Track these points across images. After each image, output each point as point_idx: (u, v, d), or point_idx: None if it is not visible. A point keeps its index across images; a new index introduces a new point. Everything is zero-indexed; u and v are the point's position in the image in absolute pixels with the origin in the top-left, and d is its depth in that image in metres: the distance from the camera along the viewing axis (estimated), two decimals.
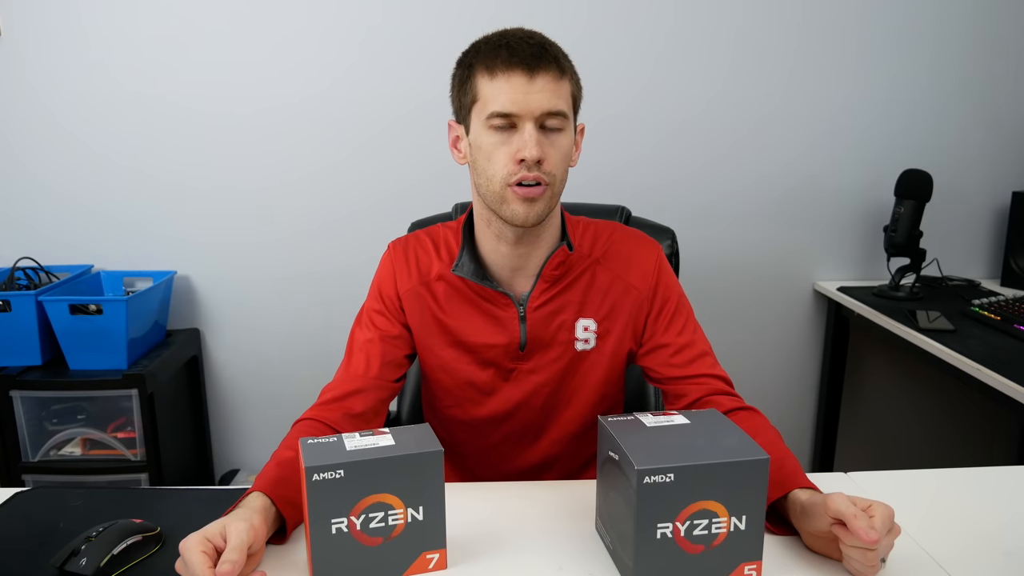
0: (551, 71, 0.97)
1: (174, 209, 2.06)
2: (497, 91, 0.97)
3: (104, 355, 1.84)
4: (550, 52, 0.98)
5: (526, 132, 0.96)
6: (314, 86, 2.00)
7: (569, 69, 1.01)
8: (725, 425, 0.86)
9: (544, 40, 1.00)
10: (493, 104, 0.97)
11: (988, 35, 2.09)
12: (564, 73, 0.99)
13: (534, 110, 0.96)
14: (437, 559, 0.83)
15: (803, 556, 0.86)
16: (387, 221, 1.87)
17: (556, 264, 1.08)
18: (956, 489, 1.02)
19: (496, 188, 1.00)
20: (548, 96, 0.96)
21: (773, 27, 2.05)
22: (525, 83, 0.96)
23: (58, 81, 1.97)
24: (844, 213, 2.18)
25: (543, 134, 0.98)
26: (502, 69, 0.97)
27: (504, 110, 0.96)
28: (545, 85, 0.96)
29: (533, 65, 0.96)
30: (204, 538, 0.77)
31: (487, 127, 0.99)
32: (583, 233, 1.12)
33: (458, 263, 1.08)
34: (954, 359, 1.59)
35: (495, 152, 0.98)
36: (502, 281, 1.10)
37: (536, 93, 0.96)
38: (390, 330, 1.11)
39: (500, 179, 0.99)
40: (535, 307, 1.09)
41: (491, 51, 0.98)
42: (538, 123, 0.97)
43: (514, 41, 0.98)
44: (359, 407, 1.05)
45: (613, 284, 1.10)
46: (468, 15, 1.97)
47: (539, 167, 0.97)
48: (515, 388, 1.12)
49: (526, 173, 0.97)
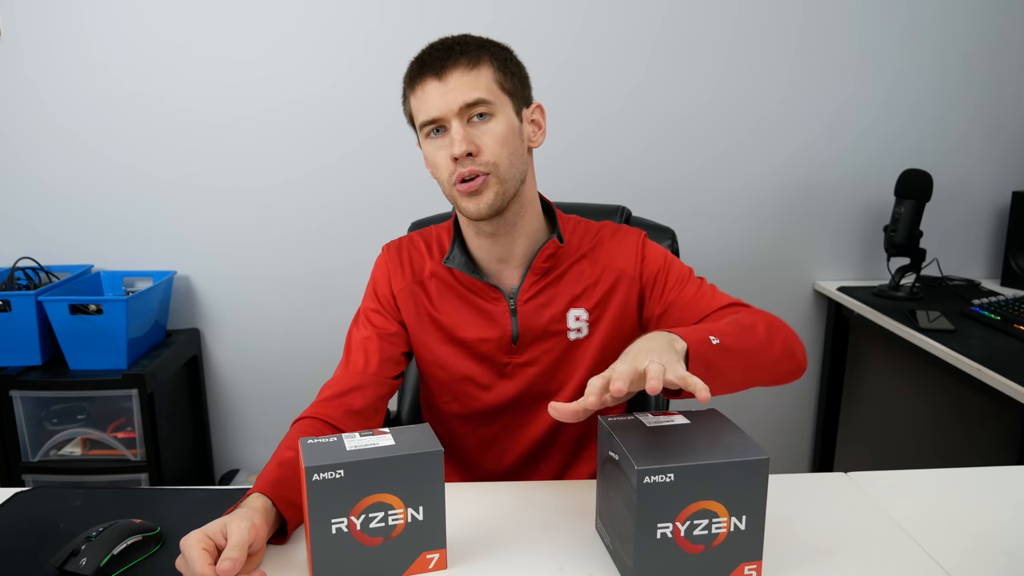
0: (459, 66, 1.01)
1: (174, 209, 2.06)
2: (420, 103, 1.03)
3: (104, 355, 1.84)
4: (457, 49, 1.02)
5: (452, 131, 1.00)
6: (314, 86, 2.00)
7: (487, 56, 1.03)
8: (725, 425, 0.86)
9: (455, 40, 1.04)
10: (420, 115, 1.03)
11: (989, 35, 2.09)
12: (476, 62, 1.02)
13: (452, 108, 1.00)
14: (437, 559, 0.83)
15: (803, 556, 0.86)
16: (387, 221, 1.87)
17: (546, 256, 1.10)
18: (956, 489, 1.02)
19: (447, 191, 1.05)
20: (462, 90, 1.00)
21: (773, 26, 2.05)
22: (437, 85, 1.00)
23: (58, 81, 1.97)
24: (844, 213, 2.18)
25: (472, 127, 1.01)
26: (418, 81, 1.02)
27: (428, 117, 1.01)
28: (458, 80, 1.00)
29: (440, 68, 1.01)
30: (205, 535, 0.78)
31: (425, 137, 1.05)
32: (573, 229, 1.15)
33: (450, 255, 1.11)
34: (954, 359, 1.59)
35: (436, 157, 1.04)
36: (491, 275, 1.12)
37: (450, 92, 1.00)
38: (387, 327, 1.13)
39: (446, 181, 1.03)
40: (525, 300, 1.10)
41: (411, 69, 1.05)
42: (464, 117, 1.00)
43: (427, 52, 1.04)
44: (359, 403, 1.06)
45: (603, 274, 1.12)
46: (469, 15, 1.97)
47: (473, 159, 1.00)
48: (511, 382, 1.13)
49: (462, 170, 1.01)
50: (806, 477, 1.07)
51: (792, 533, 0.90)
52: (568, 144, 2.06)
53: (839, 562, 0.85)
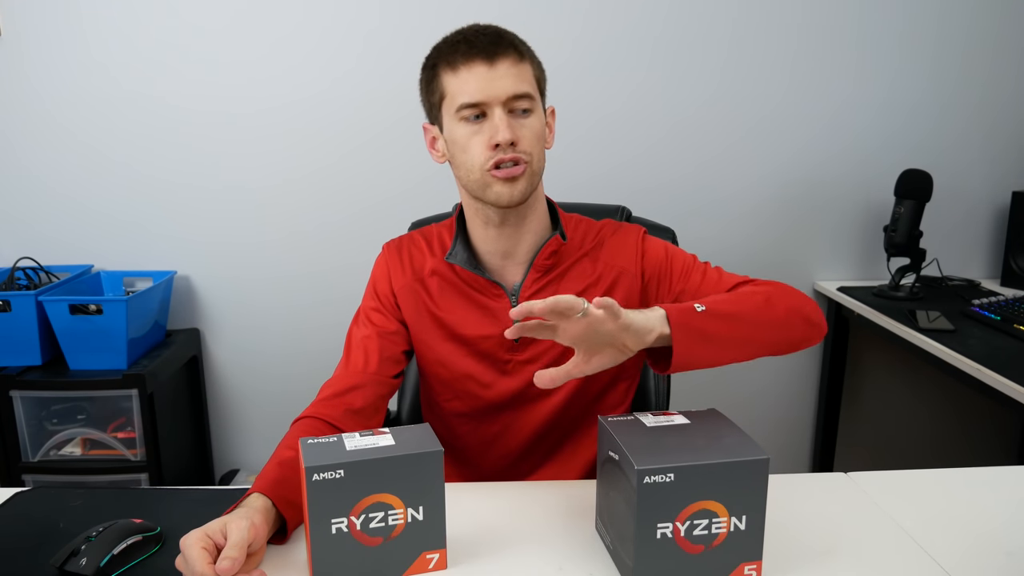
0: (510, 55, 1.00)
1: (174, 209, 2.06)
2: (462, 83, 1.00)
3: (104, 355, 1.84)
4: (506, 38, 1.02)
5: (496, 117, 0.99)
6: (314, 85, 2.00)
7: (528, 52, 1.04)
8: (725, 425, 0.86)
9: (499, 29, 1.03)
10: (460, 96, 1.00)
11: (988, 35, 2.09)
12: (524, 56, 1.02)
13: (500, 95, 0.99)
14: (437, 559, 0.83)
15: (803, 556, 0.86)
16: (387, 221, 1.87)
17: (549, 253, 1.10)
18: (956, 489, 1.02)
19: (476, 176, 1.02)
20: (512, 80, 0.99)
21: (773, 27, 2.05)
22: (487, 70, 0.99)
23: (58, 81, 1.97)
24: (844, 213, 2.18)
25: (512, 117, 1.01)
26: (463, 62, 1.00)
27: (472, 100, 0.99)
28: (507, 70, 0.99)
29: (492, 52, 0.99)
30: (205, 534, 0.78)
31: (458, 120, 1.01)
32: (575, 227, 1.15)
33: (452, 251, 1.11)
34: (954, 359, 1.59)
35: (470, 142, 1.01)
36: (493, 270, 1.12)
37: (499, 79, 0.99)
38: (387, 326, 1.13)
39: (479, 166, 1.01)
40: (527, 297, 1.10)
41: (450, 48, 1.02)
42: (506, 107, 1.00)
43: (470, 35, 1.02)
44: (359, 403, 1.06)
45: (604, 272, 1.12)
46: (470, 15, 1.96)
47: (514, 148, 1.00)
48: (512, 379, 1.13)
49: (502, 156, 1.00)
50: (806, 477, 1.07)
51: (792, 533, 0.90)
52: (568, 144, 2.05)
53: (839, 562, 0.85)
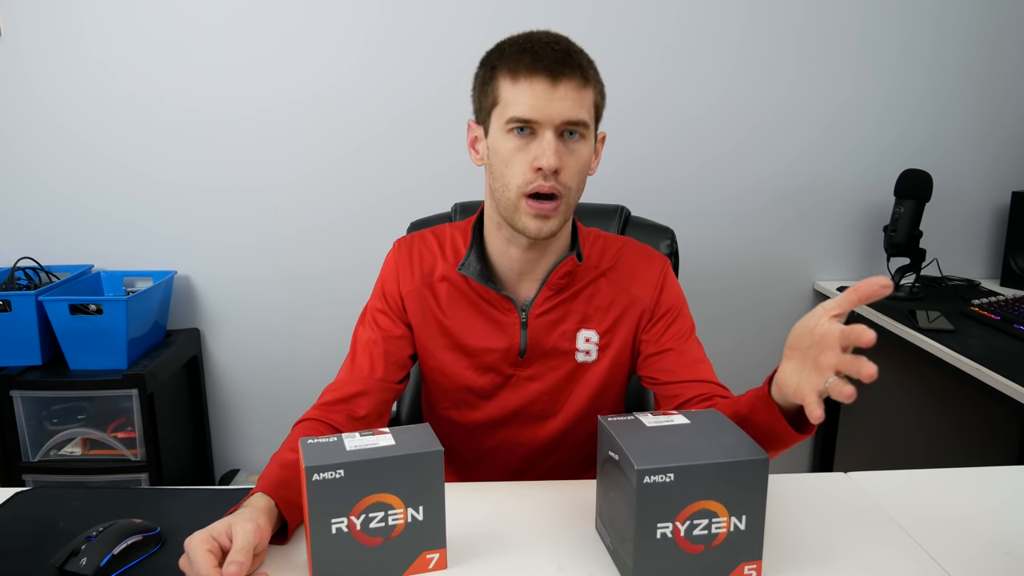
0: (575, 79, 0.95)
1: (174, 209, 2.06)
2: (518, 96, 0.95)
3: (104, 355, 1.84)
4: (575, 59, 0.96)
5: (545, 140, 0.94)
6: (315, 85, 2.00)
7: (593, 78, 0.99)
8: (725, 425, 0.86)
9: (570, 46, 0.97)
10: (513, 109, 0.95)
11: (988, 35, 2.09)
12: (588, 82, 0.97)
13: (554, 118, 0.94)
14: (437, 559, 0.83)
15: (803, 556, 0.86)
16: (387, 221, 1.87)
17: (563, 273, 1.07)
18: (956, 489, 1.02)
19: (511, 196, 0.98)
20: (570, 104, 0.94)
21: (773, 28, 2.05)
22: (547, 90, 0.93)
23: (58, 81, 1.97)
24: (844, 213, 2.19)
25: (562, 142, 0.96)
26: (525, 74, 0.94)
27: (524, 116, 0.94)
28: (568, 93, 0.94)
29: (556, 72, 0.93)
30: (210, 536, 0.77)
31: (506, 131, 0.97)
32: (592, 244, 1.11)
33: (465, 262, 1.07)
34: (954, 359, 1.59)
35: (513, 158, 0.97)
36: (507, 285, 1.09)
37: (558, 101, 0.94)
38: (393, 330, 1.11)
39: (516, 187, 0.97)
40: (537, 314, 1.08)
41: (515, 54, 0.96)
42: (558, 131, 0.95)
43: (539, 46, 0.95)
44: (363, 410, 1.05)
45: (617, 297, 1.09)
46: (470, 15, 1.98)
47: (555, 177, 0.96)
48: (513, 394, 1.12)
49: (542, 182, 0.95)
50: (806, 477, 1.07)
51: (792, 533, 0.90)
52: None
53: (839, 562, 0.85)
